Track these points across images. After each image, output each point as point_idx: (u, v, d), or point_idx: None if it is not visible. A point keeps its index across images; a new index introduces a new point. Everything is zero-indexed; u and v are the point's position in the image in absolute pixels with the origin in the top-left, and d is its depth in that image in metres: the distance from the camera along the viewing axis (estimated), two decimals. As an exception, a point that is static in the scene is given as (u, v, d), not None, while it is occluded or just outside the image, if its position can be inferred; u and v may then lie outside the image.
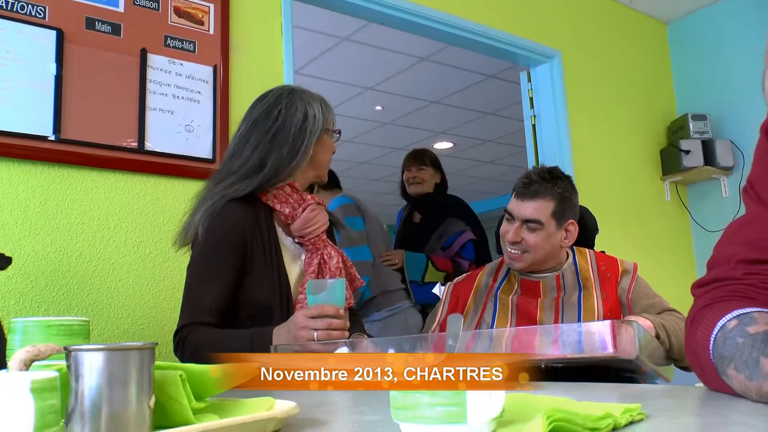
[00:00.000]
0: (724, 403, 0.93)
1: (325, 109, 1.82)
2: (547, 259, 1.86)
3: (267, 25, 2.71)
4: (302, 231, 1.76)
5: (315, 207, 1.77)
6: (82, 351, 0.69)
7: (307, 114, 1.76)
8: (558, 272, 1.83)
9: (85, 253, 2.15)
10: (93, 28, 2.25)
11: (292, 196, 1.76)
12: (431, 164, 3.55)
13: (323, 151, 1.82)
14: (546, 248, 1.83)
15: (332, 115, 1.85)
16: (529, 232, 1.84)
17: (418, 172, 3.52)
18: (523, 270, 1.87)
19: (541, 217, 1.84)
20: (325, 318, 1.49)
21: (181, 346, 1.63)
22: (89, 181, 2.19)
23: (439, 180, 3.58)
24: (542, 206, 1.85)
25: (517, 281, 1.85)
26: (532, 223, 1.84)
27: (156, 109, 2.35)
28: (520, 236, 1.83)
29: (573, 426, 0.63)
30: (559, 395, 0.90)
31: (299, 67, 4.70)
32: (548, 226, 1.84)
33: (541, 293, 1.79)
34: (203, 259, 1.70)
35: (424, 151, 3.67)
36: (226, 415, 0.79)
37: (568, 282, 1.79)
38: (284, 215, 1.76)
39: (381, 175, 8.26)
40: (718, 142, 4.17)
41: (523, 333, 1.34)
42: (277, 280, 1.71)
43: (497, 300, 1.84)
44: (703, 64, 4.44)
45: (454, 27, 3.36)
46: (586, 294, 1.73)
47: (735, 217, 4.09)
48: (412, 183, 3.54)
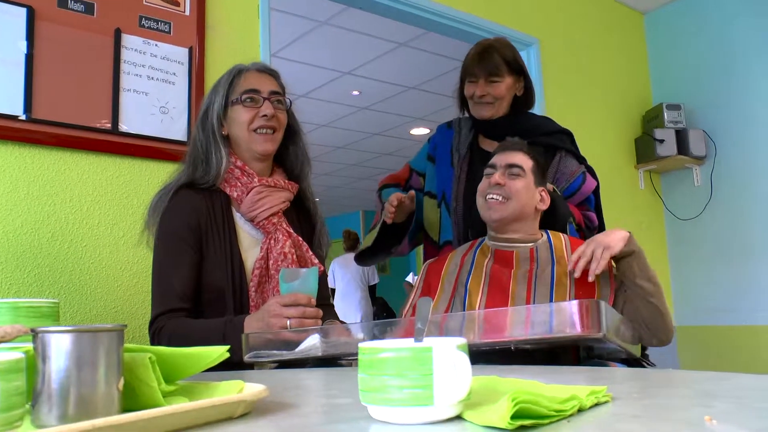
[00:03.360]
0: (688, 385, 0.95)
1: (230, 82, 1.77)
2: (523, 217, 1.86)
3: (244, 7, 2.69)
4: (249, 214, 1.75)
5: (261, 189, 1.74)
6: (49, 333, 0.69)
7: (208, 103, 1.79)
8: (532, 246, 1.84)
9: (56, 235, 2.13)
10: (65, 7, 2.21)
11: (241, 179, 1.76)
12: (510, 70, 2.26)
13: (234, 126, 1.77)
14: (525, 199, 1.85)
15: (241, 83, 1.77)
16: (512, 178, 1.87)
17: (488, 86, 2.23)
18: (500, 223, 1.86)
19: (523, 164, 1.89)
20: (298, 306, 1.49)
21: (156, 337, 1.63)
22: (61, 162, 2.17)
23: (521, 90, 2.32)
24: (524, 158, 1.91)
25: (491, 252, 1.86)
26: (515, 168, 1.87)
27: (130, 90, 2.32)
28: (504, 179, 1.86)
29: (538, 408, 0.64)
30: (526, 378, 0.91)
31: (276, 51, 4.66)
32: (528, 177, 1.88)
33: (514, 264, 1.80)
34: (164, 248, 1.70)
35: (497, 48, 2.26)
36: (195, 398, 0.79)
37: (541, 256, 1.80)
38: (233, 198, 1.76)
39: (358, 159, 8.25)
40: (692, 132, 4.22)
41: (493, 315, 1.36)
42: (230, 264, 1.70)
43: (474, 261, 1.85)
44: (678, 54, 4.49)
45: (433, 13, 3.36)
46: (559, 269, 1.75)
47: (706, 205, 4.17)
48: (479, 103, 2.27)
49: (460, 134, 2.36)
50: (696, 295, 4.26)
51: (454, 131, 2.39)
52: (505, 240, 1.87)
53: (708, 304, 4.19)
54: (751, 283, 3.98)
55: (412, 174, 2.41)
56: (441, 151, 2.36)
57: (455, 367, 0.66)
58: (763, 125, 3.98)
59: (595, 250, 1.62)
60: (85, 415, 0.67)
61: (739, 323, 4.03)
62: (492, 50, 2.24)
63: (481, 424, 0.64)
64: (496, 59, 2.22)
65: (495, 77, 2.22)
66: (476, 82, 2.25)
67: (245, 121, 1.74)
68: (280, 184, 1.79)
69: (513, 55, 2.27)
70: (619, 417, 0.68)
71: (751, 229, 4.01)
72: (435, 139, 2.43)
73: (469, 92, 2.28)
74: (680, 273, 4.36)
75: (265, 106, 1.75)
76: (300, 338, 1.43)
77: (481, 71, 2.22)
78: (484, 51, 2.25)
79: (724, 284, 4.11)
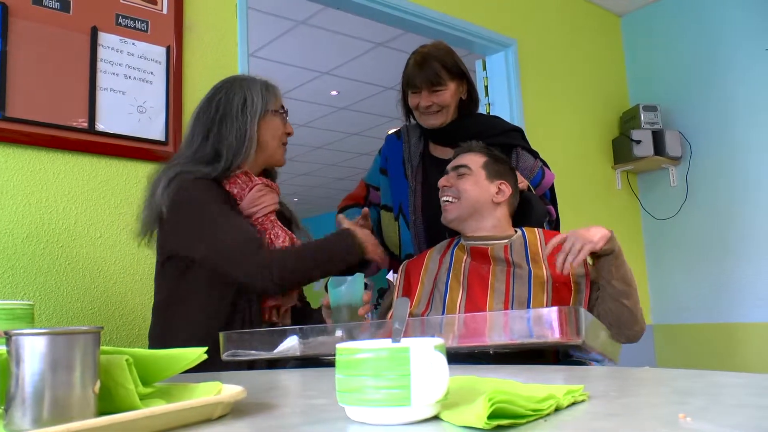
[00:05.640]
0: (664, 383, 0.96)
1: (267, 91, 1.86)
2: (479, 211, 1.88)
3: (221, 6, 2.67)
4: (249, 210, 1.79)
5: (262, 188, 1.81)
6: (22, 335, 0.68)
7: (245, 98, 1.81)
8: (506, 242, 1.85)
9: (31, 236, 2.10)
10: (40, 4, 2.18)
11: (241, 177, 1.80)
12: (451, 76, 2.21)
13: (268, 133, 1.84)
14: (475, 195, 1.88)
15: (276, 96, 1.88)
16: (458, 178, 1.91)
17: (432, 96, 2.18)
18: (455, 222, 1.90)
19: (470, 164, 1.92)
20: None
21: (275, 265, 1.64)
22: (37, 162, 2.14)
23: (465, 93, 2.27)
24: (472, 158, 1.94)
25: (467, 250, 1.87)
26: (461, 168, 1.92)
27: (107, 89, 2.30)
28: (450, 181, 1.91)
29: (515, 407, 0.64)
30: (504, 377, 0.92)
31: (255, 50, 4.65)
32: (477, 174, 1.91)
33: (490, 260, 1.81)
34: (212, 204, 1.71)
35: (435, 56, 2.20)
36: (173, 400, 0.79)
37: (516, 252, 1.81)
38: (233, 194, 1.79)
39: (336, 160, 8.24)
40: (668, 133, 4.27)
41: (471, 320, 1.36)
42: None
43: (452, 260, 1.86)
44: (654, 56, 4.54)
45: (411, 14, 3.36)
46: (536, 268, 1.76)
47: (682, 205, 4.22)
48: (425, 113, 2.22)
49: (410, 144, 2.32)
50: (672, 294, 4.31)
51: (404, 141, 2.34)
52: (477, 238, 1.88)
53: (684, 303, 4.24)
54: (727, 281, 4.03)
55: (369, 190, 2.37)
56: (393, 162, 2.32)
57: (432, 367, 0.67)
58: (737, 126, 4.03)
59: (575, 244, 1.62)
60: (60, 418, 0.67)
61: (714, 321, 4.08)
62: (430, 59, 2.18)
63: (458, 424, 0.64)
64: (436, 67, 2.16)
65: (437, 86, 2.16)
66: (419, 93, 2.19)
67: (280, 133, 1.88)
68: (274, 186, 1.88)
69: (453, 60, 2.21)
70: (595, 415, 0.69)
71: (726, 229, 4.06)
72: (385, 152, 2.38)
73: (413, 103, 2.22)
74: (657, 272, 4.41)
75: (289, 124, 1.91)
76: (278, 341, 1.43)
77: (423, 82, 2.16)
78: (423, 60, 2.19)
79: (700, 283, 4.16)
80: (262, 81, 1.88)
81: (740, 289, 3.97)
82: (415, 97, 2.21)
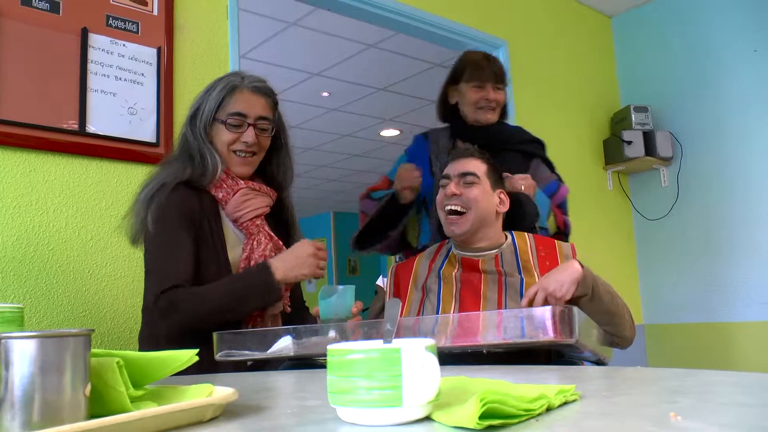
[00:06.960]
0: (655, 383, 0.96)
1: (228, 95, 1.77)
2: (486, 224, 1.87)
3: (212, 8, 2.67)
4: (234, 215, 1.78)
5: (247, 192, 1.79)
6: (11, 338, 0.68)
7: (199, 105, 1.79)
8: (497, 252, 1.85)
9: (21, 238, 2.09)
10: (30, 5, 2.17)
11: (227, 181, 1.78)
12: (506, 80, 2.39)
13: (217, 141, 1.78)
14: (484, 206, 1.86)
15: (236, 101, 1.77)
16: (468, 186, 1.87)
17: (495, 92, 2.31)
18: (465, 236, 1.86)
19: (476, 171, 1.89)
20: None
21: (167, 312, 1.58)
22: (26, 164, 2.13)
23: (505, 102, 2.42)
24: (477, 164, 1.92)
25: (457, 261, 1.87)
26: (468, 176, 1.88)
27: (98, 91, 2.29)
28: (459, 189, 1.87)
29: (507, 408, 0.64)
30: (496, 377, 0.92)
31: (246, 51, 4.63)
32: (484, 183, 1.89)
33: (481, 271, 1.81)
34: (164, 234, 1.67)
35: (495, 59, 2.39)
36: (164, 402, 0.78)
37: (507, 261, 1.81)
38: (218, 199, 1.78)
39: (327, 161, 8.22)
40: (659, 133, 4.29)
41: (465, 319, 1.36)
42: (218, 261, 1.72)
43: (440, 276, 1.85)
44: (645, 57, 4.56)
45: (402, 15, 3.36)
46: (527, 276, 1.76)
47: (673, 205, 4.24)
48: (486, 108, 2.31)
49: (438, 144, 2.39)
50: (664, 294, 4.33)
51: (431, 141, 2.41)
52: (471, 249, 1.88)
53: (675, 302, 4.26)
54: (717, 281, 4.05)
55: (391, 185, 2.41)
56: (419, 160, 2.38)
57: (424, 368, 0.67)
58: (728, 127, 4.05)
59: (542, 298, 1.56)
60: (50, 421, 0.66)
61: (705, 320, 4.10)
62: (494, 59, 2.33)
63: (449, 424, 0.64)
64: (501, 67, 2.32)
65: (501, 84, 2.31)
66: (484, 88, 2.29)
67: (225, 142, 1.78)
68: (263, 189, 1.84)
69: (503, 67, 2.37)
70: (586, 415, 0.69)
71: (716, 229, 4.08)
72: (411, 150, 2.47)
73: (475, 98, 2.31)
74: (648, 272, 4.42)
75: (248, 132, 1.77)
76: (273, 341, 1.43)
77: (491, 76, 2.28)
78: (489, 58, 2.33)
79: (691, 282, 4.18)
80: (229, 83, 1.79)
81: (731, 288, 3.99)
82: (477, 91, 2.31)
